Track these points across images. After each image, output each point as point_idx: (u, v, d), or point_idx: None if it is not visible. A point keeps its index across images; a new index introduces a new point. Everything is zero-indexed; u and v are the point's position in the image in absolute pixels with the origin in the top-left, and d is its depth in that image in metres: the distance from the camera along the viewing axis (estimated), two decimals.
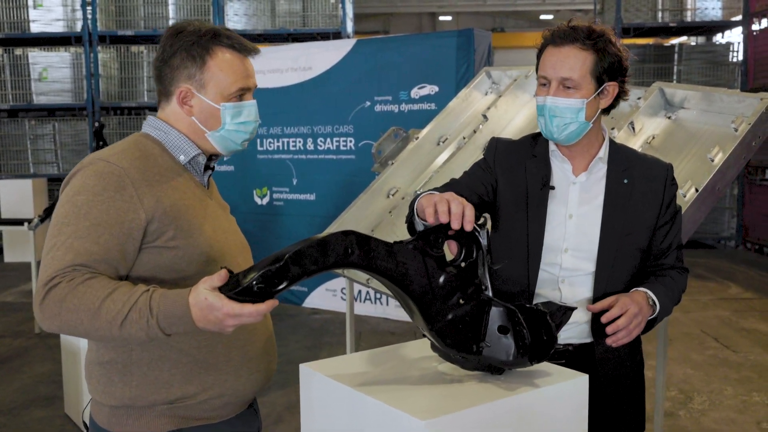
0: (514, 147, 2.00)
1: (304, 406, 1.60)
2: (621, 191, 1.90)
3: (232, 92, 1.70)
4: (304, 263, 1.35)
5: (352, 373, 1.54)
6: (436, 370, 1.57)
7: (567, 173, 1.94)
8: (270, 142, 6.86)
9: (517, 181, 1.94)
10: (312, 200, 6.70)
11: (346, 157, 6.47)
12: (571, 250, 1.90)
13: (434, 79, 5.94)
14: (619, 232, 1.89)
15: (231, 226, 1.85)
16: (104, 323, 1.46)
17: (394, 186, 3.90)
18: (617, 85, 1.88)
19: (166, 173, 1.67)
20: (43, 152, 10.23)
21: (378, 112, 6.24)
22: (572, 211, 1.91)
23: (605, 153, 1.93)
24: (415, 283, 1.45)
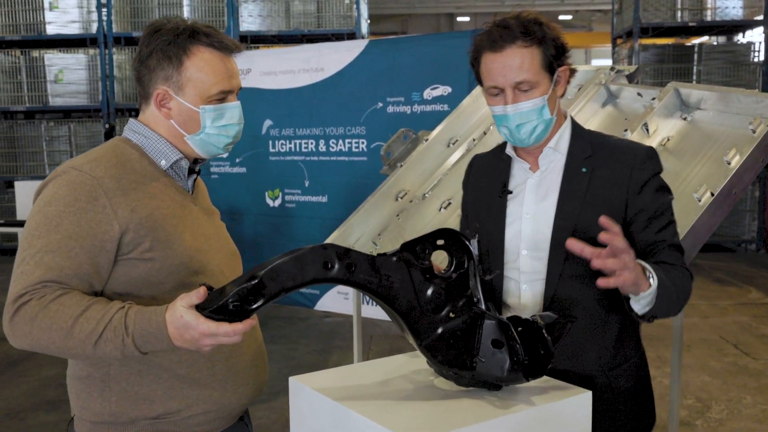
0: (488, 158, 1.95)
1: (293, 419, 1.54)
2: (578, 181, 1.75)
3: (213, 94, 1.63)
4: (280, 279, 1.30)
5: (342, 386, 1.47)
6: (431, 385, 1.49)
7: (525, 172, 1.83)
8: (282, 144, 6.81)
9: (482, 192, 1.89)
10: (324, 202, 6.64)
11: (359, 158, 6.40)
12: (528, 250, 1.77)
13: (447, 79, 5.86)
14: (571, 225, 1.71)
15: (217, 232, 1.77)
16: (77, 342, 1.41)
17: (402, 189, 3.83)
18: (566, 68, 1.78)
19: (144, 180, 1.59)
20: (58, 153, 10.26)
21: (390, 113, 6.16)
22: (528, 210, 1.79)
23: (557, 142, 1.80)
24: (400, 297, 1.39)
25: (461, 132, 3.92)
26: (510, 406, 1.36)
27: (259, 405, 4.43)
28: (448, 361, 1.41)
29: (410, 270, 1.40)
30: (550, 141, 1.79)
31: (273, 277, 1.30)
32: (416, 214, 3.50)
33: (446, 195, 3.56)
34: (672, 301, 1.64)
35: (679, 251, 1.75)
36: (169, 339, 1.39)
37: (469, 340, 1.42)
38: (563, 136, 1.81)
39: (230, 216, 7.26)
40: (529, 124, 1.72)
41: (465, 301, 1.43)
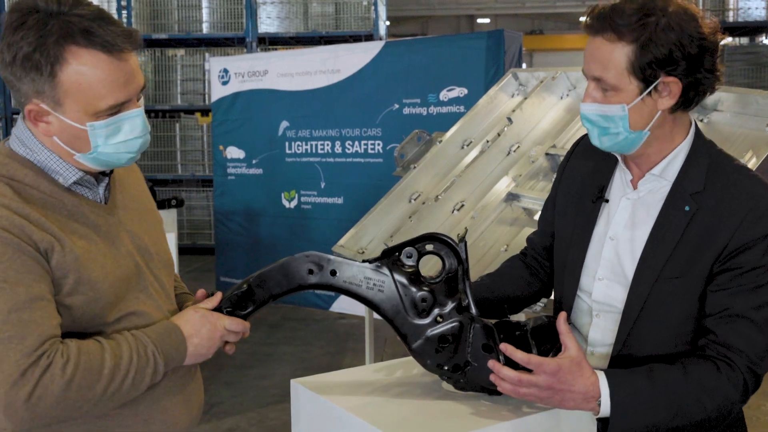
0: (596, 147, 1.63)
1: (294, 422, 1.52)
2: (677, 220, 1.45)
3: (102, 109, 1.30)
4: (268, 286, 1.43)
5: (345, 390, 1.45)
6: (434, 389, 1.47)
7: (625, 184, 1.56)
8: (298, 145, 6.81)
9: (577, 187, 1.64)
10: (340, 204, 6.64)
11: (375, 160, 6.39)
12: (606, 279, 1.54)
13: (463, 81, 5.83)
14: (657, 271, 1.45)
15: (147, 240, 1.47)
16: (117, 385, 1.28)
17: (416, 190, 3.80)
18: (678, 80, 1.39)
19: (47, 208, 1.31)
20: None
21: (406, 114, 6.14)
22: (615, 232, 1.54)
23: (665, 169, 1.49)
24: (385, 302, 1.41)
25: (475, 133, 3.88)
26: (516, 411, 1.33)
27: (272, 406, 4.43)
28: (438, 364, 1.40)
29: (394, 275, 1.40)
30: (656, 165, 1.50)
31: (260, 284, 1.43)
32: (429, 216, 3.48)
33: (459, 197, 3.53)
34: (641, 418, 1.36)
35: (760, 329, 1.39)
36: (185, 347, 1.39)
37: (459, 344, 1.40)
38: (674, 161, 1.49)
39: (246, 217, 7.28)
40: (602, 129, 1.46)
41: (454, 306, 1.41)
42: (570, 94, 3.68)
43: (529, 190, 3.34)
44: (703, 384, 1.37)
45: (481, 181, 3.55)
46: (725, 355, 1.39)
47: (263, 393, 4.69)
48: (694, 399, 1.36)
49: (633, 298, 1.48)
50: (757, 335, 1.38)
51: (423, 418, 1.32)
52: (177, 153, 10.06)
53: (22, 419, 1.19)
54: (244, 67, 7.08)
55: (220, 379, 4.90)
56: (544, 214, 1.79)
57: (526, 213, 3.38)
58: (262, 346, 5.74)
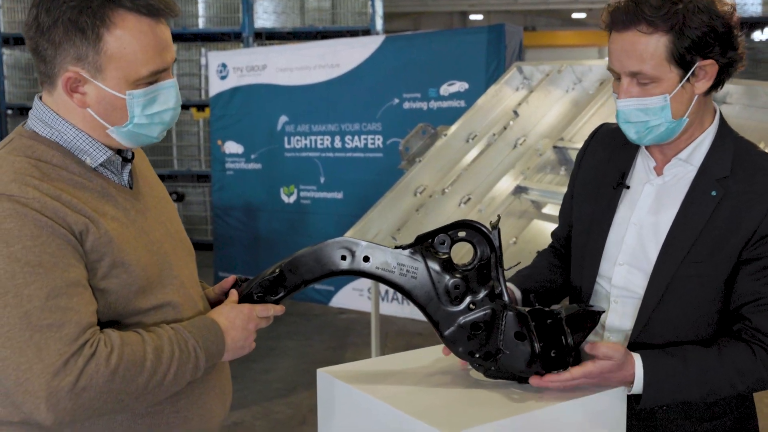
0: (613, 133, 1.63)
1: (321, 413, 1.52)
2: (703, 205, 1.46)
3: (143, 76, 1.27)
4: (300, 272, 1.41)
5: (373, 379, 1.45)
6: (463, 378, 1.47)
7: (648, 171, 1.56)
8: (297, 140, 6.80)
9: (596, 174, 1.63)
10: (339, 199, 6.63)
11: (374, 155, 6.38)
12: (626, 264, 1.54)
13: (464, 75, 5.83)
14: (682, 255, 1.46)
15: (171, 228, 1.45)
16: (160, 378, 1.25)
17: (421, 184, 3.81)
18: (715, 62, 1.40)
19: (77, 189, 1.27)
20: None
21: (406, 109, 6.14)
22: (638, 218, 1.53)
23: (691, 154, 1.49)
24: (418, 289, 1.40)
25: (480, 127, 3.89)
26: (546, 399, 1.33)
27: (277, 400, 4.43)
28: (470, 352, 1.40)
29: (427, 261, 1.40)
30: (682, 150, 1.50)
31: (292, 269, 1.41)
32: (436, 209, 3.48)
33: (466, 190, 3.54)
34: (674, 395, 1.42)
35: None
36: (223, 342, 1.36)
37: (491, 332, 1.40)
38: (701, 146, 1.50)
39: (246, 212, 7.27)
40: (641, 125, 1.44)
41: (487, 293, 1.41)
42: (576, 87, 3.69)
43: (536, 183, 3.35)
44: (737, 366, 1.41)
45: (488, 175, 3.56)
46: (761, 339, 1.41)
47: (267, 387, 4.69)
48: (726, 380, 1.41)
49: (655, 282, 1.48)
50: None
51: (454, 405, 1.32)
52: (173, 148, 10.02)
53: (65, 410, 1.15)
54: (243, 62, 7.06)
55: None
56: (564, 206, 1.78)
57: (534, 206, 3.38)
58: (265, 341, 5.73)
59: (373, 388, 1.39)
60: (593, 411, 1.39)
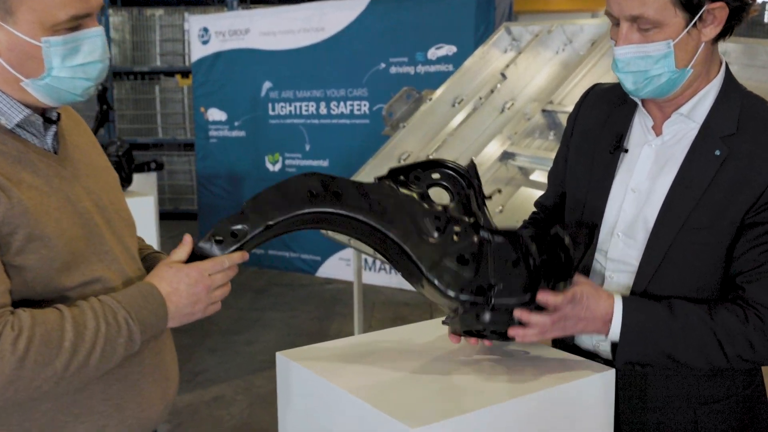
0: (610, 94, 1.51)
1: (280, 400, 1.39)
2: (705, 166, 1.32)
3: (61, 21, 1.12)
4: (264, 209, 1.23)
5: (336, 364, 1.32)
6: (436, 363, 1.34)
7: (646, 131, 1.42)
8: (282, 107, 6.62)
9: (590, 139, 1.49)
10: (325, 167, 6.47)
11: (361, 121, 6.22)
12: (623, 235, 1.40)
13: (452, 39, 5.65)
14: (680, 222, 1.32)
15: (105, 198, 1.29)
16: (83, 358, 1.12)
17: (405, 150, 3.65)
18: (725, 4, 1.26)
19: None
20: None
21: (393, 74, 5.96)
22: (636, 183, 1.39)
23: (693, 108, 1.35)
24: (395, 222, 1.24)
25: (467, 91, 3.73)
26: (525, 388, 1.20)
27: (259, 374, 4.32)
28: (460, 289, 1.25)
29: (402, 193, 1.26)
30: (683, 105, 1.35)
31: (255, 207, 1.24)
32: None
33: (451, 156, 3.38)
34: (645, 351, 1.30)
35: None
36: (164, 310, 1.20)
37: (480, 263, 1.26)
38: (704, 100, 1.35)
39: (230, 181, 7.10)
40: (641, 75, 1.30)
41: (471, 223, 1.27)
42: (566, 48, 3.53)
43: (524, 148, 3.20)
44: (726, 326, 1.28)
45: (474, 140, 3.41)
46: (754, 308, 1.28)
47: (250, 360, 4.58)
48: (713, 340, 1.28)
49: (651, 251, 1.35)
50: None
51: (421, 395, 1.19)
52: (157, 116, 9.80)
53: None
54: (225, 26, 6.84)
55: (204, 346, 4.78)
56: (554, 172, 1.63)
57: (521, 172, 3.24)
58: (248, 312, 5.61)
59: (334, 373, 1.26)
60: (580, 397, 1.26)
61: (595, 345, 1.43)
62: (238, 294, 6.31)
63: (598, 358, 1.43)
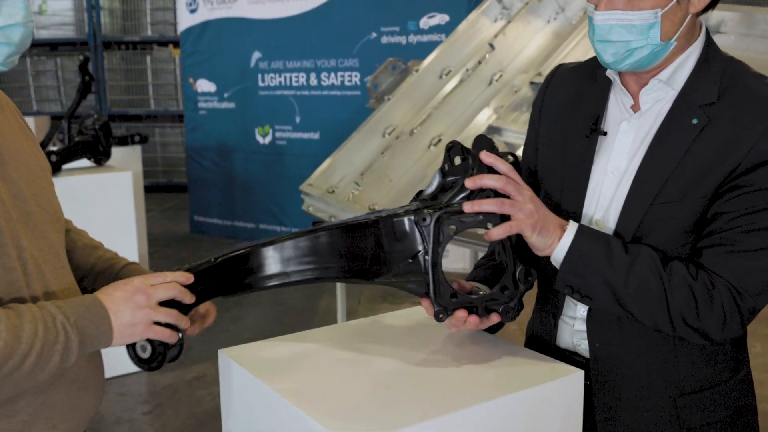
0: (578, 74, 1.39)
1: (223, 397, 1.28)
2: (680, 135, 1.20)
3: None
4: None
5: (282, 364, 1.20)
6: (389, 363, 1.22)
7: (623, 110, 1.29)
8: (271, 77, 6.46)
9: (561, 124, 1.36)
10: (316, 139, 6.34)
11: (351, 93, 6.07)
12: (602, 220, 1.27)
13: (444, 7, 5.49)
14: (651, 196, 1.21)
15: (26, 189, 1.17)
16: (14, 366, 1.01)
17: (390, 124, 3.51)
18: None
19: None
20: (45, 89, 9.90)
21: (384, 44, 5.80)
22: (615, 165, 1.27)
23: (672, 74, 1.23)
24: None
25: (455, 61, 3.58)
26: (484, 394, 1.09)
27: None
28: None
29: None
30: (662, 71, 1.24)
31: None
32: (403, 152, 3.21)
33: (437, 131, 3.26)
34: (623, 286, 1.16)
35: (758, 256, 1.15)
36: (109, 324, 1.08)
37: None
38: (684, 65, 1.23)
39: (219, 153, 6.97)
40: (620, 45, 1.18)
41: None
42: (558, 17, 3.38)
43: (511, 122, 3.07)
44: (675, 277, 1.15)
45: (461, 113, 3.27)
46: (709, 273, 1.16)
47: (235, 338, 4.48)
48: (659, 286, 1.15)
49: (622, 229, 1.24)
50: (750, 262, 1.15)
51: (371, 401, 1.08)
52: (149, 87, 9.64)
53: None
54: None
55: None
56: (525, 158, 1.49)
57: (508, 148, 3.11)
58: None
59: (276, 376, 1.15)
60: (542, 403, 1.15)
61: (575, 344, 1.32)
62: None
63: (576, 356, 1.32)
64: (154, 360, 1.16)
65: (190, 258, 5.94)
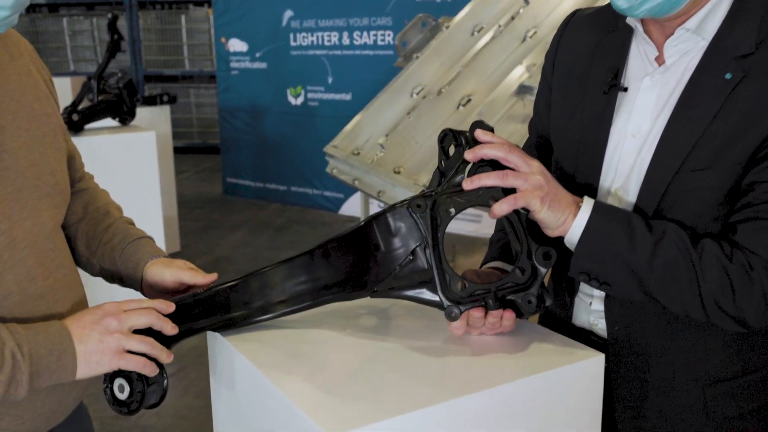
0: (592, 19, 1.24)
1: (213, 377, 1.19)
2: (711, 92, 1.05)
3: None
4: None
5: (273, 342, 1.10)
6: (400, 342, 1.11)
7: (647, 62, 1.13)
8: (304, 37, 6.33)
9: (577, 77, 1.21)
10: (348, 100, 6.21)
11: (385, 52, 5.91)
12: (622, 190, 1.13)
13: None
14: (677, 163, 1.05)
15: (22, 159, 1.06)
16: None
17: (419, 83, 3.37)
18: None
19: None
20: (82, 49, 9.92)
21: (419, 1, 5.62)
22: (637, 126, 1.12)
23: (702, 22, 1.07)
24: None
25: (488, 17, 3.40)
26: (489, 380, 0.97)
27: None
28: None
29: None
30: (689, 18, 1.08)
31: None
32: (430, 113, 3.07)
33: (466, 90, 3.10)
34: (648, 269, 1.01)
35: None
36: (72, 354, 0.96)
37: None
38: (716, 11, 1.07)
39: (252, 114, 6.89)
40: None
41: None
42: None
43: None
44: (707, 257, 1.00)
45: (492, 72, 3.11)
46: (744, 252, 1.01)
47: None
48: (689, 266, 1.00)
49: (643, 201, 1.09)
50: None
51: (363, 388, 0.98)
52: (184, 47, 9.58)
53: None
54: None
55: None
56: (534, 123, 1.34)
57: None
58: (266, 251, 5.47)
59: (264, 354, 1.05)
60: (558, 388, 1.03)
61: (592, 323, 1.19)
62: (258, 231, 6.18)
63: (593, 336, 1.20)
64: (132, 401, 1.01)
65: (222, 220, 5.94)
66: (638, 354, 1.14)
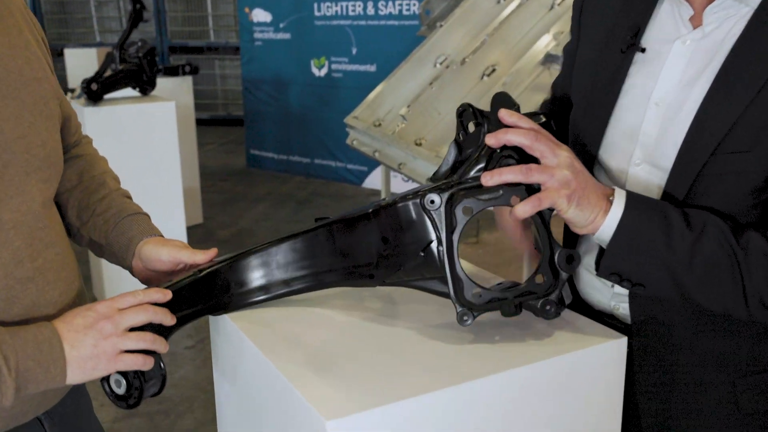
0: None
1: (215, 355, 1.15)
2: (756, 65, 0.95)
3: None
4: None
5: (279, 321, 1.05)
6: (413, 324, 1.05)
7: (679, 22, 1.04)
8: (327, 6, 6.23)
9: (603, 31, 1.12)
10: (372, 72, 6.12)
11: (410, 22, 5.79)
12: (646, 164, 1.04)
13: None
14: (713, 144, 0.96)
15: (16, 125, 0.99)
16: None
17: (443, 53, 3.27)
18: None
19: None
20: (108, 20, 9.90)
21: None
22: (662, 94, 1.03)
23: None
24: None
25: None
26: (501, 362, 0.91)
27: None
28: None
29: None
30: None
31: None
32: (453, 83, 2.98)
33: (491, 60, 3.01)
34: (687, 267, 0.93)
35: None
36: (62, 362, 0.91)
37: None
38: None
39: (275, 86, 6.82)
40: None
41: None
42: None
43: None
44: (752, 253, 0.91)
45: (518, 41, 3.01)
46: None
47: None
48: (731, 263, 0.92)
49: (674, 184, 1.00)
50: None
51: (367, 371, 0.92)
52: (209, 18, 9.52)
53: None
54: None
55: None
56: (560, 77, 1.27)
57: None
58: (288, 224, 5.44)
59: (265, 335, 1.00)
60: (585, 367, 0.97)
61: (614, 307, 1.12)
62: (281, 204, 6.14)
63: (615, 320, 1.12)
64: (131, 396, 0.96)
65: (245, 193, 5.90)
66: (663, 343, 1.06)
